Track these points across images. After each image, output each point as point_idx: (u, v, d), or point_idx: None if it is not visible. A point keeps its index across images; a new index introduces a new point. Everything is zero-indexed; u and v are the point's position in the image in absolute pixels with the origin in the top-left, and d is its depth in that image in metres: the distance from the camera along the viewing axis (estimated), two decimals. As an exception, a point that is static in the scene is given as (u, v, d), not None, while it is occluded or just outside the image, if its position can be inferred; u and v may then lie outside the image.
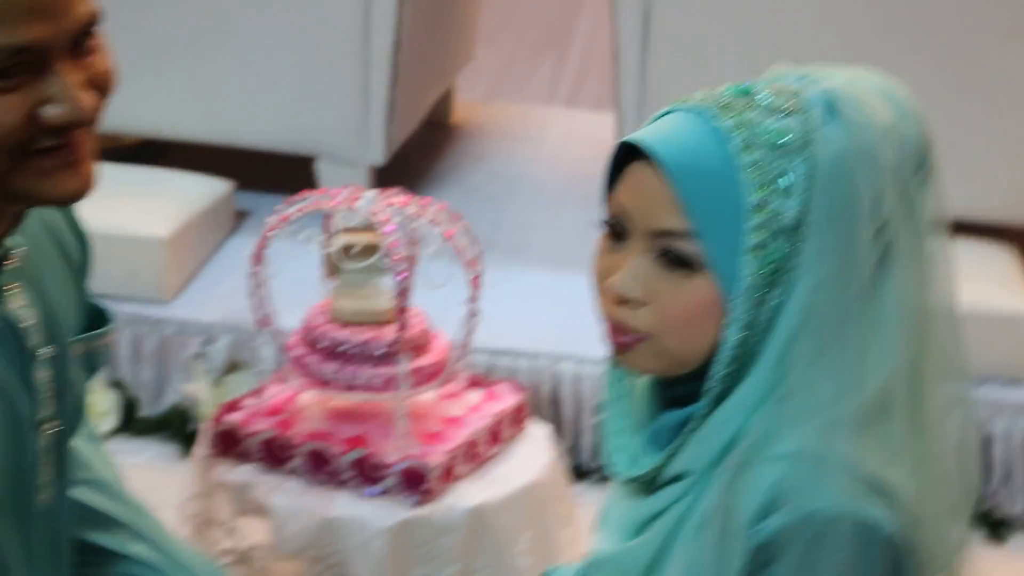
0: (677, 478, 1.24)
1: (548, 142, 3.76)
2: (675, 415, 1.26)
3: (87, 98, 1.02)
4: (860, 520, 1.17)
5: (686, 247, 1.20)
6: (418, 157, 3.52)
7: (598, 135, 3.55)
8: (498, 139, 3.77)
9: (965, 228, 2.86)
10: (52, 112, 1.02)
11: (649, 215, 1.21)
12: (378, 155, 3.12)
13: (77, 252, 1.47)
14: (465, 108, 3.88)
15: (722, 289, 1.19)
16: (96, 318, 1.49)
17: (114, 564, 1.52)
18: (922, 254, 1.25)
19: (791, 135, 1.21)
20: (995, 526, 2.75)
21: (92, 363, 1.49)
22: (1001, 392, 2.88)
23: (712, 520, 1.18)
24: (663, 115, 1.23)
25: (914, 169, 1.23)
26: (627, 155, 1.19)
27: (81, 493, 1.51)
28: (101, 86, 1.13)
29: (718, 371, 1.20)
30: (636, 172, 1.21)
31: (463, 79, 3.92)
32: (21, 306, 1.31)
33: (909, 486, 1.20)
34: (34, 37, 0.99)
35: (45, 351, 1.34)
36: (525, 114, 3.92)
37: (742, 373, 1.23)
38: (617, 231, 1.23)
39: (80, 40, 1.04)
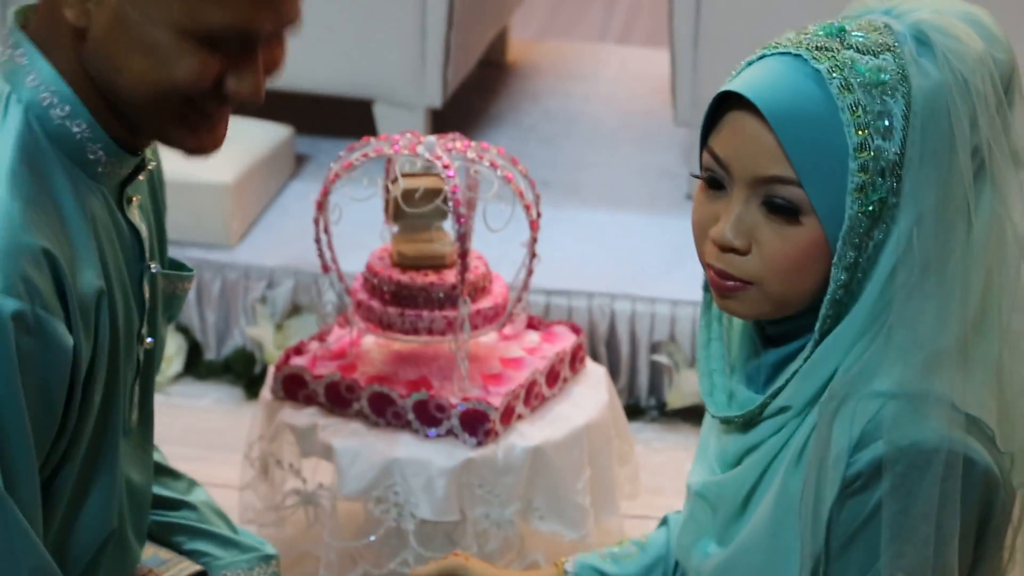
0: (775, 414, 1.30)
1: (602, 80, 3.70)
2: (775, 354, 1.32)
3: (263, 83, 1.12)
4: (958, 453, 1.22)
5: (791, 193, 1.21)
6: (474, 98, 3.44)
7: (652, 72, 3.51)
8: (552, 78, 3.71)
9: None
10: (235, 86, 1.11)
11: (751, 163, 1.23)
12: (435, 97, 3.08)
13: (161, 191, 1.58)
14: (519, 47, 3.81)
15: (827, 233, 1.22)
16: (174, 266, 1.60)
17: (174, 508, 1.69)
18: (1013, 178, 1.28)
19: (887, 73, 1.24)
20: None
21: (171, 306, 1.58)
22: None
23: (812, 452, 1.24)
24: (755, 60, 1.26)
25: (1004, 92, 1.28)
26: (721, 104, 1.24)
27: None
28: (271, 70, 1.25)
29: (825, 312, 1.23)
30: (735, 121, 1.23)
31: (516, 19, 3.82)
32: (140, 218, 1.44)
33: (998, 421, 1.27)
34: (250, 24, 1.09)
35: (154, 265, 1.45)
36: (579, 52, 3.83)
37: (844, 311, 1.26)
38: (715, 181, 1.25)
39: (279, 33, 1.16)
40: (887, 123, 1.24)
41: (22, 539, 1.29)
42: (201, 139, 1.18)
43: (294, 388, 2.11)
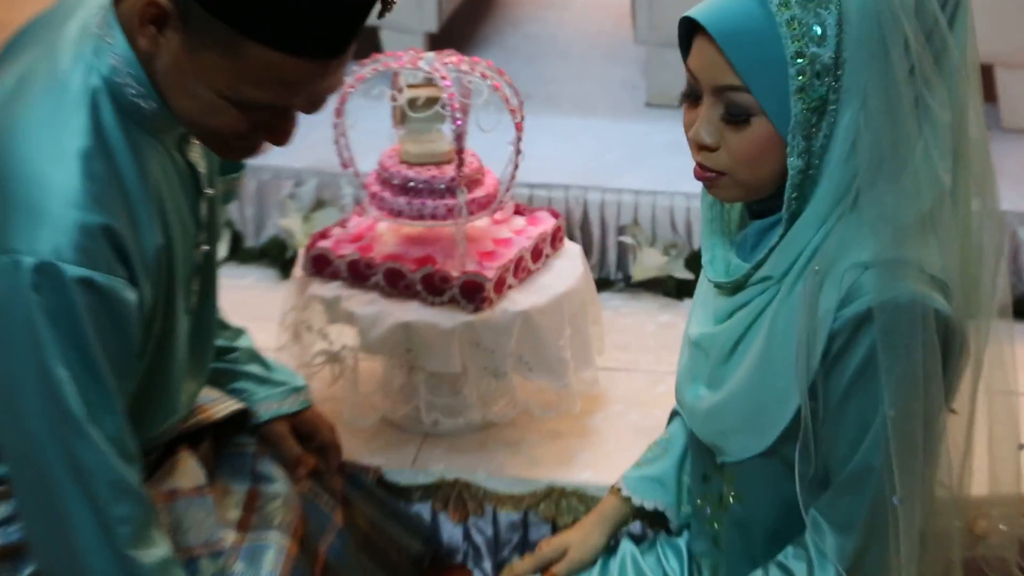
0: (759, 281, 1.43)
1: (573, 8, 3.78)
2: (759, 224, 1.46)
3: (293, 131, 1.15)
4: (929, 307, 1.34)
5: (742, 98, 1.33)
6: (465, 24, 3.49)
7: (615, 1, 3.58)
8: (531, 7, 3.76)
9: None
10: (266, 136, 1.19)
11: (710, 76, 1.35)
12: (432, 23, 3.12)
13: None
14: None
15: (778, 128, 1.34)
16: (229, 166, 1.76)
17: (224, 354, 1.86)
18: (957, 90, 1.38)
19: None
20: None
21: (227, 197, 1.81)
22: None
23: (802, 316, 1.38)
24: None
25: (941, 9, 1.36)
26: (690, 29, 1.36)
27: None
28: (309, 110, 1.28)
29: (788, 193, 1.36)
30: (698, 43, 1.36)
31: None
32: (198, 156, 1.55)
33: (958, 282, 1.40)
34: (284, 101, 1.14)
35: (209, 191, 1.58)
36: None
37: (809, 194, 1.38)
38: (693, 93, 1.39)
39: (318, 101, 1.19)
40: (820, 31, 1.34)
41: (101, 459, 1.40)
42: (237, 155, 1.23)
43: (321, 266, 2.20)
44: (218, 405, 1.88)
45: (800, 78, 1.33)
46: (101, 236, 1.34)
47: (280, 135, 1.39)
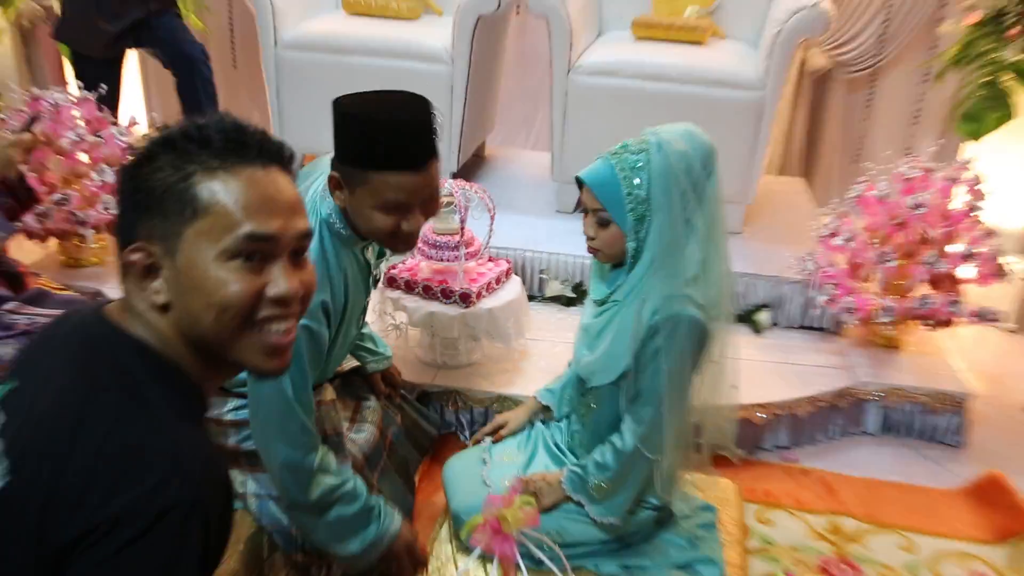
0: (613, 301, 1.84)
1: (521, 162, 4.19)
2: (615, 273, 1.87)
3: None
4: (693, 318, 1.74)
5: (605, 215, 1.78)
6: (470, 168, 3.86)
7: (545, 162, 3.70)
8: (502, 160, 4.19)
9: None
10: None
11: (590, 204, 1.79)
12: (454, 166, 3.48)
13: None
14: (491, 149, 4.28)
15: (623, 229, 1.76)
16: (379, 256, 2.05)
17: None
18: (708, 214, 1.78)
19: (641, 161, 1.76)
20: (752, 322, 3.11)
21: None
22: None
23: (634, 320, 1.78)
24: (597, 160, 1.82)
25: (703, 169, 1.76)
26: (579, 181, 1.81)
27: None
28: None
29: (628, 260, 1.79)
30: (584, 188, 1.80)
31: (490, 136, 4.25)
32: (371, 255, 1.94)
33: (710, 305, 1.77)
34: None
35: (377, 273, 2.01)
36: (516, 154, 4.30)
37: (637, 260, 1.78)
38: (585, 211, 1.82)
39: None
40: (639, 182, 1.76)
41: (299, 424, 1.71)
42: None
43: (391, 282, 2.61)
44: (346, 364, 2.22)
45: (630, 206, 1.75)
46: (321, 309, 1.72)
47: (413, 229, 1.73)
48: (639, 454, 1.84)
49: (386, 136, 1.60)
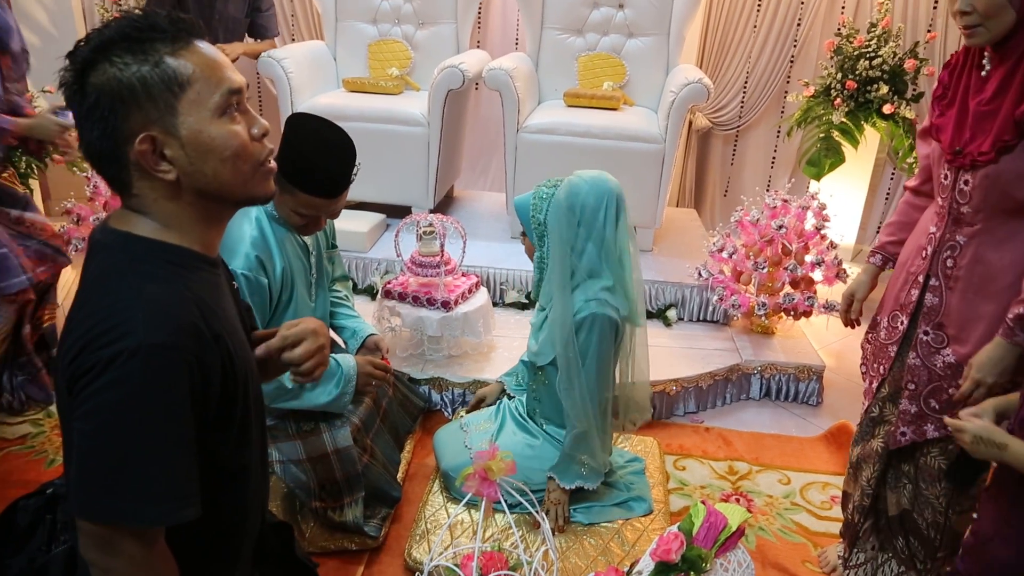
0: (543, 307, 1.89)
1: (486, 200, 4.06)
2: (537, 283, 1.90)
3: (323, 226, 0.95)
4: (606, 315, 1.75)
5: (522, 230, 1.87)
6: (443, 206, 3.80)
7: (501, 200, 3.90)
8: (468, 199, 4.10)
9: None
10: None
11: (519, 227, 1.92)
12: (431, 204, 3.42)
13: (331, 229, 2.05)
14: (459, 192, 4.16)
15: (534, 243, 1.84)
16: (330, 246, 2.03)
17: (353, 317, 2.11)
18: (606, 239, 1.73)
19: (548, 193, 1.79)
20: (664, 318, 3.05)
21: (331, 260, 2.09)
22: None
23: (562, 317, 1.78)
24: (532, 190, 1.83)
25: (601, 207, 1.73)
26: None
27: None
28: (331, 217, 1.41)
29: (537, 273, 1.86)
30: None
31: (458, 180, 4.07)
32: (309, 240, 1.89)
33: (623, 306, 1.78)
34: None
35: (313, 253, 1.90)
36: (479, 196, 4.11)
37: (543, 270, 1.83)
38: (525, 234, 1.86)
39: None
40: (542, 209, 1.80)
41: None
42: (305, 233, 1.01)
43: (388, 294, 2.61)
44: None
45: (535, 227, 1.81)
46: (256, 260, 1.73)
47: (318, 226, 1.77)
48: (571, 425, 1.84)
49: (318, 174, 1.66)
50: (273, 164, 0.97)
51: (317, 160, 1.65)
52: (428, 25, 3.70)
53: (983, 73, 1.42)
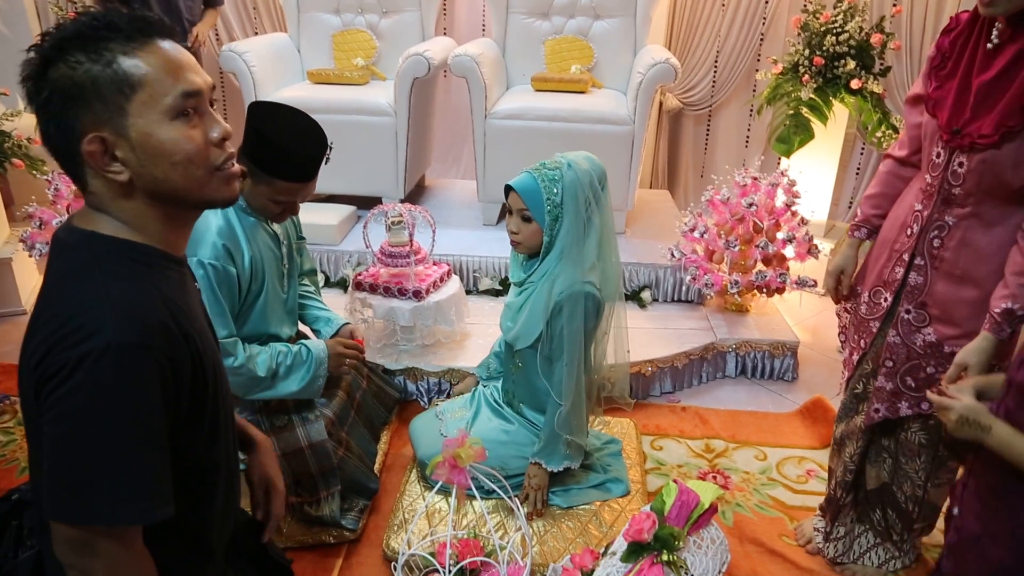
0: (530, 282, 1.84)
1: (457, 188, 4.06)
2: (531, 261, 1.87)
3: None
4: (590, 292, 1.76)
5: (527, 214, 1.78)
6: (414, 195, 3.81)
7: (472, 186, 3.89)
8: (441, 188, 4.08)
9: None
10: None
11: (516, 206, 1.79)
12: (401, 194, 3.42)
13: (297, 220, 2.00)
14: (430, 180, 4.17)
15: (541, 225, 1.77)
16: (299, 235, 2.01)
17: (321, 310, 2.09)
18: (603, 215, 1.78)
19: (557, 174, 1.75)
20: (638, 299, 3.04)
21: (300, 251, 2.04)
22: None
23: (545, 295, 1.78)
24: (523, 174, 1.79)
25: (599, 184, 1.78)
26: (508, 188, 1.80)
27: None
28: (303, 201, 1.46)
29: (542, 252, 1.80)
30: (512, 193, 1.80)
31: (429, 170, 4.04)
32: (278, 228, 1.88)
33: (603, 284, 1.78)
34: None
35: (284, 242, 1.90)
36: (451, 184, 4.14)
37: (549, 251, 1.79)
38: (510, 212, 1.81)
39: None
40: (556, 190, 1.76)
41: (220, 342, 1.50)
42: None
43: (359, 286, 2.57)
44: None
45: (548, 208, 1.77)
46: (223, 249, 1.72)
47: (294, 211, 1.80)
48: (556, 405, 1.83)
49: (295, 159, 1.66)
50: (235, 168, 0.95)
51: (291, 146, 1.65)
52: (392, 13, 3.68)
53: (989, 46, 1.33)
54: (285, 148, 1.64)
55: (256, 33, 4.15)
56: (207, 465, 0.99)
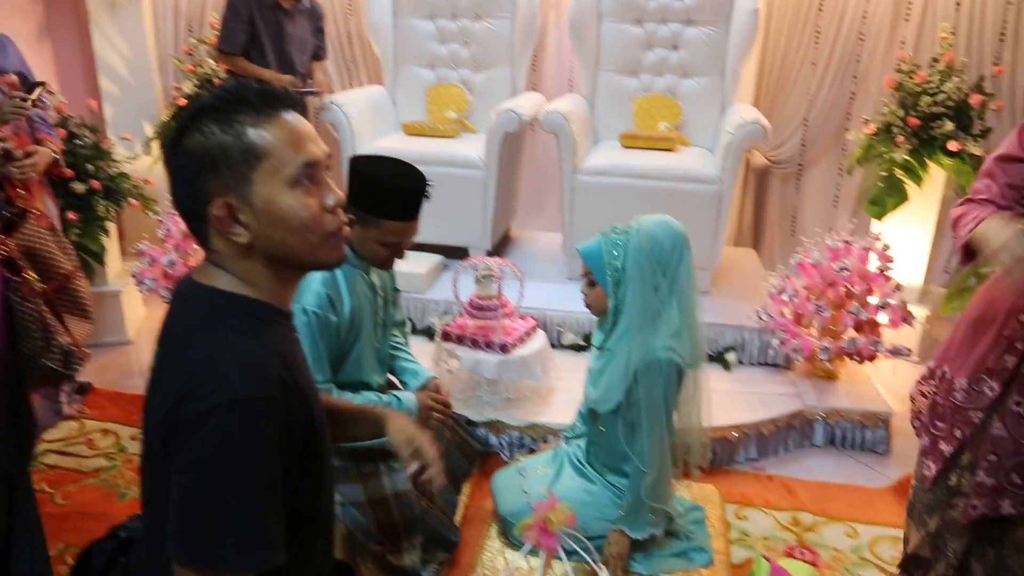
0: (608, 349, 1.84)
1: (542, 241, 4.09)
2: (604, 326, 1.88)
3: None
4: (669, 359, 1.74)
5: (592, 278, 1.81)
6: (500, 246, 3.82)
7: (556, 239, 3.81)
8: (526, 240, 4.13)
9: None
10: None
11: (584, 269, 1.82)
12: (488, 245, 3.48)
13: (392, 273, 1.99)
14: (515, 231, 4.19)
15: (606, 290, 1.79)
16: (395, 288, 2.02)
17: (409, 361, 2.10)
18: (679, 283, 1.76)
19: (620, 239, 1.76)
20: (723, 361, 3.05)
21: (395, 302, 2.04)
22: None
23: (626, 365, 1.77)
24: (594, 237, 1.81)
25: (674, 250, 1.72)
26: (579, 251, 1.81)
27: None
28: (408, 246, 1.49)
29: (611, 318, 1.80)
30: (581, 259, 1.83)
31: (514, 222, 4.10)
32: (375, 278, 1.91)
33: (686, 351, 1.77)
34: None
35: (380, 294, 1.92)
36: (536, 235, 4.16)
37: (618, 316, 1.79)
38: (583, 275, 1.84)
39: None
40: (617, 255, 1.77)
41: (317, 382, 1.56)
42: (387, 267, 1.03)
43: (446, 336, 2.63)
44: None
45: (609, 272, 1.78)
46: (326, 298, 1.76)
47: (401, 254, 1.80)
48: (641, 472, 1.83)
49: (398, 197, 1.70)
50: (346, 231, 1.00)
51: (394, 184, 1.71)
52: (485, 69, 3.78)
53: None
54: (389, 186, 1.70)
55: (353, 85, 4.28)
56: (309, 514, 1.02)
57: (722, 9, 3.42)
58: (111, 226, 3.29)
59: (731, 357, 3.00)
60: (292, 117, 0.95)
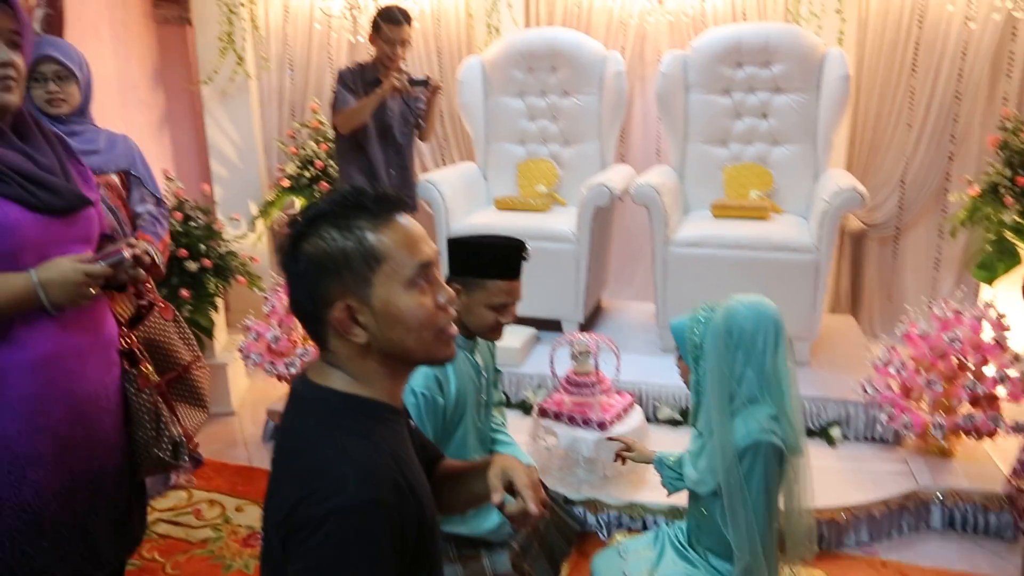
0: (700, 432, 1.83)
1: (631, 311, 4.00)
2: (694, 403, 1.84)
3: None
4: (771, 442, 1.68)
5: (678, 352, 1.84)
6: (592, 318, 3.83)
7: (649, 310, 3.85)
8: (617, 311, 4.09)
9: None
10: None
11: (676, 349, 1.84)
12: (581, 317, 3.50)
13: (493, 348, 2.05)
14: (606, 301, 4.17)
15: (688, 364, 1.80)
16: (495, 370, 2.06)
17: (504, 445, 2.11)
18: (766, 365, 1.69)
19: (704, 316, 1.76)
20: (827, 437, 2.95)
21: (496, 384, 2.07)
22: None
23: (723, 451, 1.71)
24: (688, 313, 1.79)
25: (760, 332, 1.68)
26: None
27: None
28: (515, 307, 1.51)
29: (692, 395, 1.82)
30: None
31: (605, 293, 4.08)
32: (479, 359, 1.94)
33: (785, 432, 1.71)
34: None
35: (484, 372, 1.95)
36: (625, 306, 4.11)
37: (700, 393, 1.78)
38: (676, 348, 1.83)
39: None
40: (697, 332, 1.75)
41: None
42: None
43: (542, 412, 2.62)
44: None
45: (689, 348, 1.79)
46: (434, 379, 1.79)
47: (510, 317, 1.80)
48: (737, 558, 1.76)
49: (499, 255, 1.75)
50: (454, 329, 1.02)
51: (495, 242, 1.77)
52: (574, 143, 3.83)
53: None
54: (485, 248, 1.76)
55: (446, 162, 4.41)
56: None
57: (812, 77, 3.42)
58: (219, 301, 3.45)
59: (835, 432, 2.91)
60: (405, 220, 0.99)
